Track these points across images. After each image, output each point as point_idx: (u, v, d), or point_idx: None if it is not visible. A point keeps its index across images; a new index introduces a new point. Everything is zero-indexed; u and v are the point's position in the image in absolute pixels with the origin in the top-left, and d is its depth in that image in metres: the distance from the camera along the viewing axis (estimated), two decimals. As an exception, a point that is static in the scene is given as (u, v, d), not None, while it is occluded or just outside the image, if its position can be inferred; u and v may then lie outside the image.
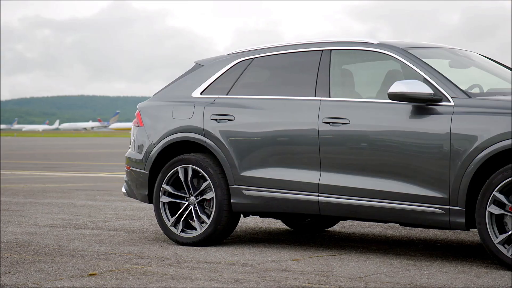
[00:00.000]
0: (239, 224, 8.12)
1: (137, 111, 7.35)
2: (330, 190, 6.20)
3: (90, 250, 6.46)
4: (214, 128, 6.76)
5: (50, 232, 7.60)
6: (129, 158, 7.26)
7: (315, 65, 6.50)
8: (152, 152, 7.00)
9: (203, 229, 6.70)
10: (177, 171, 6.84)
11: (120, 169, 18.84)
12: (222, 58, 7.12)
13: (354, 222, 8.35)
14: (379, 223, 8.11)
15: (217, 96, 6.92)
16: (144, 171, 7.05)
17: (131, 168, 7.21)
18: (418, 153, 5.83)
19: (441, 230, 7.55)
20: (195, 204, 6.77)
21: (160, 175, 6.92)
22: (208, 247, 6.64)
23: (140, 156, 7.11)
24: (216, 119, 6.78)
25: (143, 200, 7.13)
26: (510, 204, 5.43)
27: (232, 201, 6.64)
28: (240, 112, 6.70)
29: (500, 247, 5.45)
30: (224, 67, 7.02)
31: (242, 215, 7.07)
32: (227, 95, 6.88)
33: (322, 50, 6.54)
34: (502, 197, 5.46)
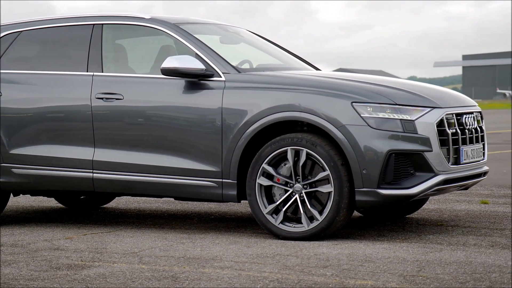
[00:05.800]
0: (9, 203, 7.80)
1: None
2: (104, 167, 6.13)
3: None
4: (-20, 105, 6.42)
5: None
6: None
7: (86, 40, 6.37)
8: None
9: (-31, 210, 6.37)
10: None
11: None
12: (-14, 30, 6.75)
13: (131, 198, 8.32)
14: (155, 198, 8.15)
15: (-18, 70, 6.57)
16: None
17: None
18: (192, 128, 5.90)
19: (215, 203, 7.73)
20: (-41, 184, 6.42)
21: None
22: (-25, 230, 6.33)
23: None
24: (-19, 95, 6.44)
25: None
26: (277, 176, 5.67)
27: (0, 180, 6.36)
28: (8, 88, 6.42)
29: (269, 217, 5.68)
30: (-11, 40, 6.67)
31: (12, 195, 6.80)
32: (-7, 69, 6.56)
33: (94, 24, 6.42)
34: (270, 169, 5.67)
